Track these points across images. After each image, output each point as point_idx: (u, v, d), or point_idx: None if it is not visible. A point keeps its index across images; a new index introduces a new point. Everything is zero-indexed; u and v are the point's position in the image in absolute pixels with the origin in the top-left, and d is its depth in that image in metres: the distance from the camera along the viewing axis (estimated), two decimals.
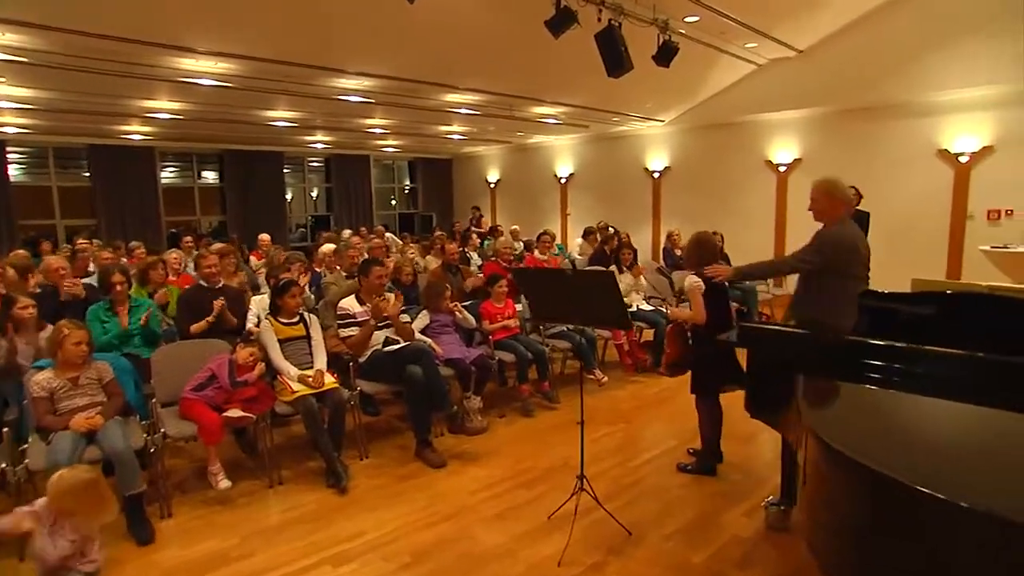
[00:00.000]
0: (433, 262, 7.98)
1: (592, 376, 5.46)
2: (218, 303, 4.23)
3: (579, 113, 9.80)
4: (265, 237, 8.49)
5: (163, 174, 12.67)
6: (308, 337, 4.04)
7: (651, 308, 6.32)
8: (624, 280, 6.45)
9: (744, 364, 2.98)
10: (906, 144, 8.21)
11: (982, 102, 7.60)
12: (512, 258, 6.76)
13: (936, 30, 7.47)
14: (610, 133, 11.79)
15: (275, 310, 4.04)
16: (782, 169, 9.40)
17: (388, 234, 12.45)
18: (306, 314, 4.14)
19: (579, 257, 9.87)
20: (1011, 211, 7.60)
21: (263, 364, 3.75)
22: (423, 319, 4.77)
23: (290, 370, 3.81)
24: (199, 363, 3.70)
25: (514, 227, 11.71)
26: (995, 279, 6.65)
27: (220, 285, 4.65)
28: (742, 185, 9.95)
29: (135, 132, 10.30)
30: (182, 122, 9.16)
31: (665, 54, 6.55)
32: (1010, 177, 7.51)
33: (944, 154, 7.92)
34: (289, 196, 15.48)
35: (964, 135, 7.77)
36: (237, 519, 3.35)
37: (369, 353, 4.21)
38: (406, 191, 17.06)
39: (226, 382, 3.54)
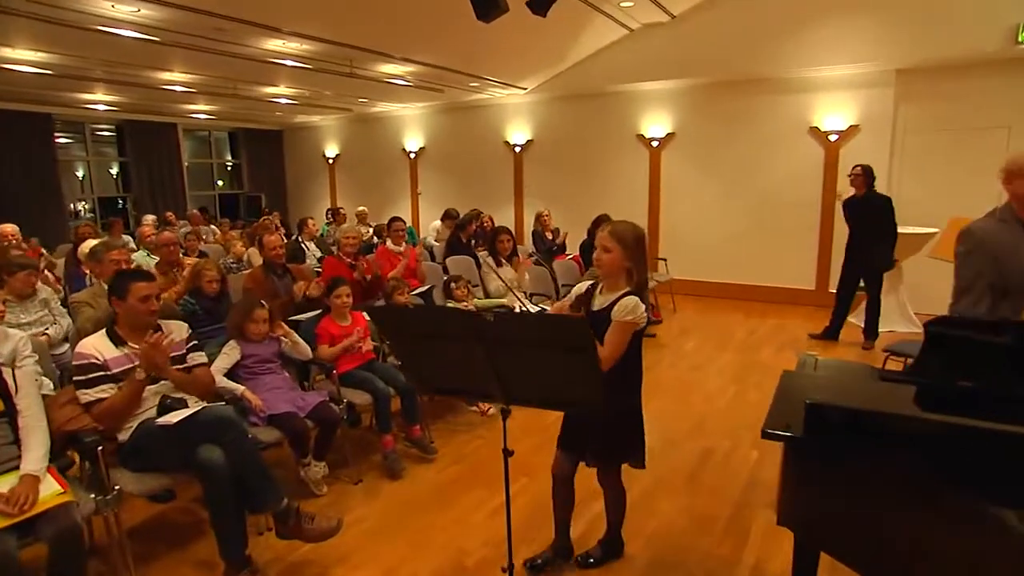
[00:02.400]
0: (258, 257, 6.23)
1: (475, 408, 4.23)
2: None
3: (433, 74, 8.36)
4: (7, 228, 6.12)
5: None
6: (9, 411, 2.34)
7: (538, 309, 5.21)
8: (504, 274, 5.29)
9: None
10: (779, 121, 7.89)
11: (850, 81, 7.43)
12: (356, 251, 5.21)
13: (808, 5, 7.14)
14: (466, 101, 10.48)
15: None
16: (655, 144, 8.75)
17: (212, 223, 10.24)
18: (9, 372, 2.42)
19: (436, 243, 8.62)
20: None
21: None
22: (231, 354, 3.21)
23: None
24: None
25: (361, 208, 10.08)
26: None
27: None
28: (613, 160, 9.19)
29: None
30: None
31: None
32: (873, 156, 7.38)
33: (815, 132, 7.68)
34: (80, 173, 12.32)
35: (833, 114, 7.57)
36: None
37: (134, 427, 2.60)
38: (228, 168, 14.46)
39: None
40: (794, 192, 7.89)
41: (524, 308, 5.09)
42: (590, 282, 2.44)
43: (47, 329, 3.69)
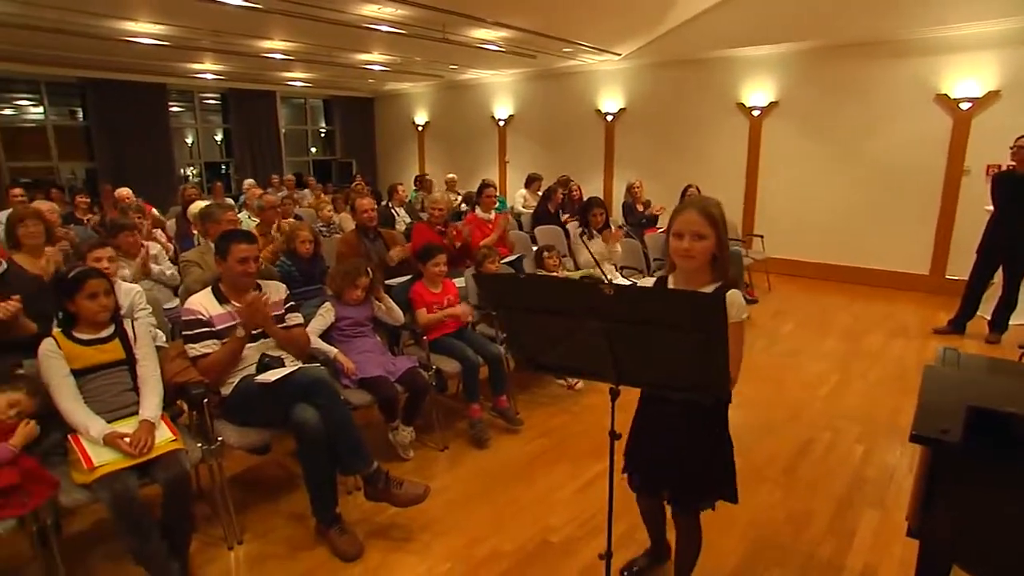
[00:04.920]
0: (348, 222, 6.39)
1: (562, 381, 4.16)
2: None
3: (526, 40, 8.18)
4: (124, 191, 6.57)
5: None
6: (129, 360, 2.49)
7: (629, 283, 5.05)
8: (595, 247, 5.14)
9: None
10: (899, 88, 7.16)
11: (989, 40, 6.58)
12: (445, 219, 5.18)
13: None
14: (557, 68, 10.23)
15: (67, 321, 2.44)
16: (756, 113, 8.22)
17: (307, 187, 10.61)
18: (129, 323, 2.57)
19: (524, 210, 8.48)
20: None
21: (34, 423, 2.20)
22: (326, 316, 3.27)
23: (89, 424, 2.26)
24: None
25: (450, 176, 10.11)
26: None
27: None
28: (709, 130, 8.73)
29: None
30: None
31: None
32: (1016, 126, 6.56)
33: (943, 100, 6.92)
34: (189, 140, 13.12)
35: (967, 78, 6.77)
36: None
37: (236, 382, 2.71)
38: (322, 134, 14.93)
39: None
40: (912, 167, 7.19)
41: (613, 280, 4.96)
42: (656, 277, 2.06)
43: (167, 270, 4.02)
